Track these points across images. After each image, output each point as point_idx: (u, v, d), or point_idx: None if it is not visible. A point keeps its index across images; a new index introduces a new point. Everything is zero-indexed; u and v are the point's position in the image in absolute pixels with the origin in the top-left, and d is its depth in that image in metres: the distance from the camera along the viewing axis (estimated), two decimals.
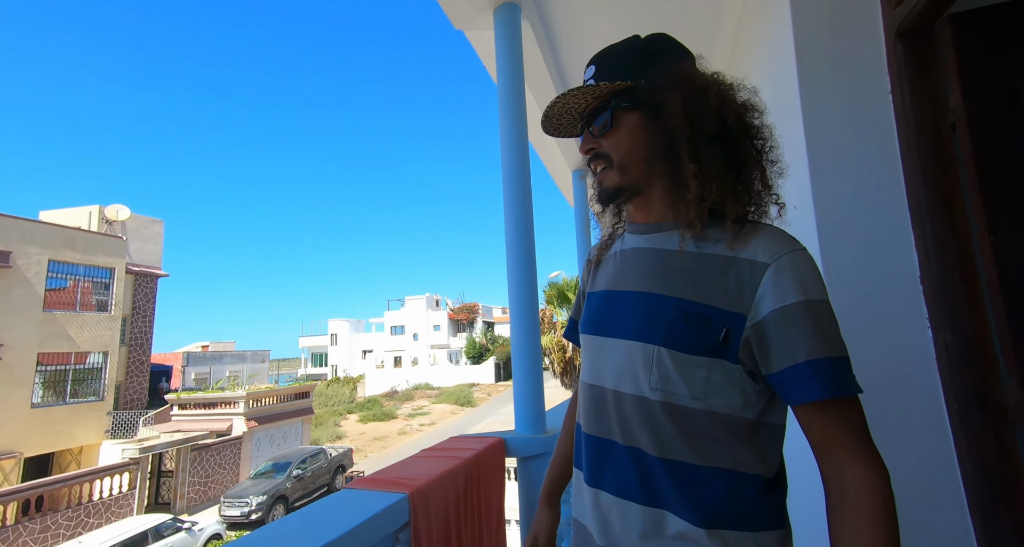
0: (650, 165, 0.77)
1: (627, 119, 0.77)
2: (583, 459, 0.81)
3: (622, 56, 0.79)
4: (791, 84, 1.39)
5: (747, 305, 0.66)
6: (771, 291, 0.65)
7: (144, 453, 14.25)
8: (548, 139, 3.80)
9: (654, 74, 0.76)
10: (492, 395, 35.06)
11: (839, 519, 0.63)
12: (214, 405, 18.31)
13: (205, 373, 26.14)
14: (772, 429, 0.71)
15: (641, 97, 0.76)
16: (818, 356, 0.63)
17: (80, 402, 16.14)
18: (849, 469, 0.63)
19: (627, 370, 0.73)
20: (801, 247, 0.69)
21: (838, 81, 1.34)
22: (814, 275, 0.66)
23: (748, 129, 0.75)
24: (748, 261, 0.67)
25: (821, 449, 0.66)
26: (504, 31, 1.98)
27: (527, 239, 1.88)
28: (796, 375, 0.63)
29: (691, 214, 0.71)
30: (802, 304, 0.64)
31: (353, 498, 1.08)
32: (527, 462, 1.74)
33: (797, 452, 0.85)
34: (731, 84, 0.76)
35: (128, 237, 18.84)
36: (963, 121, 1.12)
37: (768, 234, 0.70)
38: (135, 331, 19.35)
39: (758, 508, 0.68)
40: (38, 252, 15.22)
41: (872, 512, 0.60)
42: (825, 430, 0.65)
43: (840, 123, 1.32)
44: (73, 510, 12.52)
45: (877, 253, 1.25)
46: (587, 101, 0.80)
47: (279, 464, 15.61)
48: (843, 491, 0.63)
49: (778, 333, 0.64)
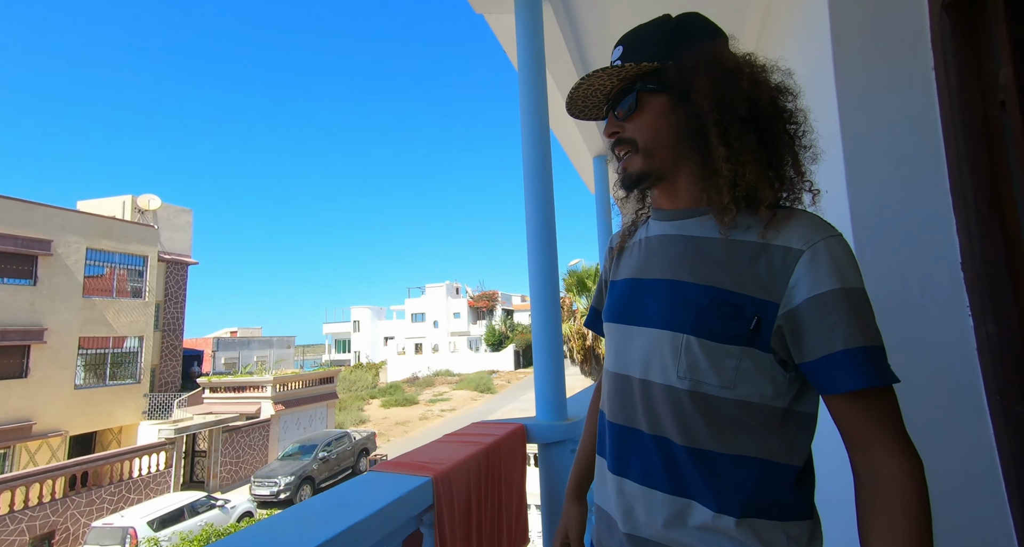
0: (676, 150, 0.74)
1: (653, 102, 0.74)
2: (607, 447, 0.81)
3: (650, 36, 0.76)
4: (825, 61, 1.33)
5: (780, 293, 0.64)
6: (806, 278, 0.63)
7: (179, 434, 14.90)
8: (569, 125, 3.75)
9: (683, 55, 0.73)
10: (511, 382, 35.37)
11: (869, 511, 0.61)
12: (243, 389, 18.98)
13: (234, 358, 27.06)
14: (803, 419, 0.69)
15: (668, 79, 0.73)
16: (856, 345, 0.61)
17: (119, 384, 16.92)
18: (881, 460, 0.61)
19: (655, 359, 0.72)
20: (837, 233, 0.66)
21: (876, 57, 1.27)
22: (850, 262, 0.64)
23: (781, 113, 0.72)
24: (781, 248, 0.66)
25: (853, 439, 0.64)
26: (525, 14, 1.94)
27: (548, 226, 1.86)
28: (833, 364, 0.61)
29: (724, 199, 0.69)
30: (839, 292, 0.62)
31: (378, 481, 1.11)
32: (548, 448, 1.75)
33: (828, 443, 0.83)
34: (764, 66, 0.73)
35: (159, 226, 19.47)
36: (1014, 98, 1.06)
37: (803, 220, 0.67)
38: (168, 317, 20.10)
39: (787, 498, 0.67)
40: (77, 241, 15.87)
41: (905, 504, 0.58)
42: (858, 420, 0.63)
43: (878, 102, 1.26)
44: (115, 486, 13.23)
45: (916, 239, 1.20)
46: (612, 83, 0.77)
47: (305, 446, 16.13)
48: (874, 483, 0.61)
49: (814, 321, 0.62)
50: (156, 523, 11.06)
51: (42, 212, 15.10)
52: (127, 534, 10.57)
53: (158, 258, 18.83)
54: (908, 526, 0.58)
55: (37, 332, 14.64)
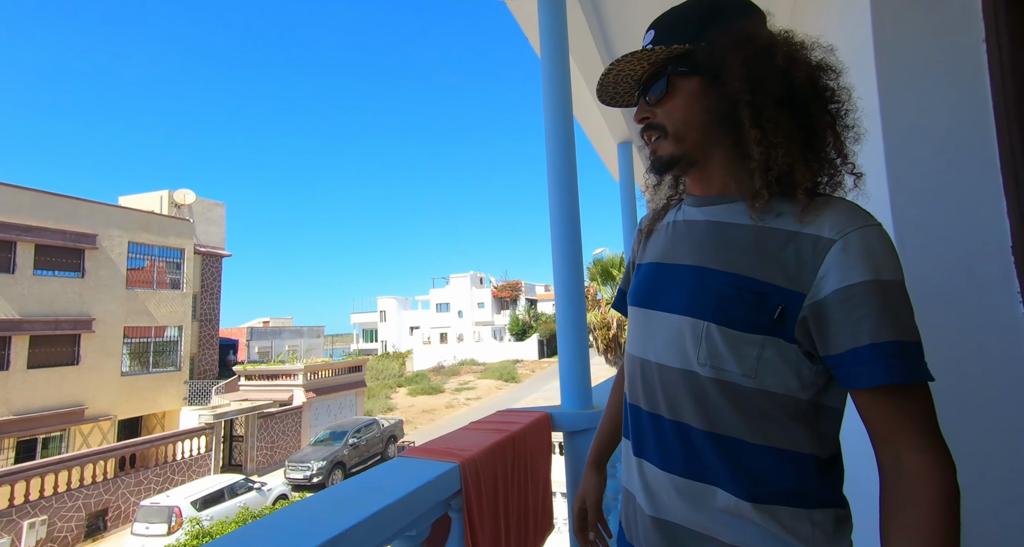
0: (708, 134, 0.72)
1: (684, 85, 0.72)
2: (630, 429, 0.81)
3: (682, 18, 0.74)
4: (864, 34, 1.26)
5: (806, 283, 0.62)
6: (836, 269, 0.60)
7: (217, 419, 15.58)
8: (593, 112, 3.68)
9: (715, 35, 0.70)
10: (535, 371, 35.52)
11: (892, 510, 0.59)
12: (276, 376, 19.65)
13: (267, 347, 28.02)
14: (829, 412, 0.67)
15: (700, 61, 0.71)
16: (886, 339, 0.58)
17: (161, 372, 17.78)
18: (908, 458, 0.59)
19: (675, 344, 0.71)
20: (875, 223, 0.63)
21: (920, 29, 1.20)
22: (887, 253, 0.61)
23: (821, 91, 0.68)
24: (812, 236, 0.63)
25: (880, 436, 0.62)
26: (547, 1, 1.91)
27: (572, 215, 1.85)
28: (859, 358, 0.59)
29: (756, 184, 0.67)
30: (871, 284, 0.59)
31: (408, 466, 1.14)
32: (573, 437, 1.75)
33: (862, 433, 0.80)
34: (802, 42, 0.70)
35: (194, 219, 20.19)
36: None
37: (838, 208, 0.64)
38: (204, 307, 20.92)
39: (812, 487, 0.66)
40: (119, 234, 16.63)
41: (931, 507, 0.56)
42: (886, 417, 0.60)
43: (921, 77, 1.19)
44: (160, 467, 13.98)
45: (960, 222, 1.14)
46: (643, 67, 0.75)
47: (336, 433, 16.64)
48: (899, 482, 0.59)
49: (841, 313, 0.60)
50: (199, 503, 11.66)
51: (87, 208, 15.85)
52: (172, 512, 11.18)
53: (194, 251, 19.55)
54: (932, 528, 0.55)
55: (86, 322, 15.48)
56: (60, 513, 11.70)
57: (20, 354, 14.04)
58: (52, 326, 14.61)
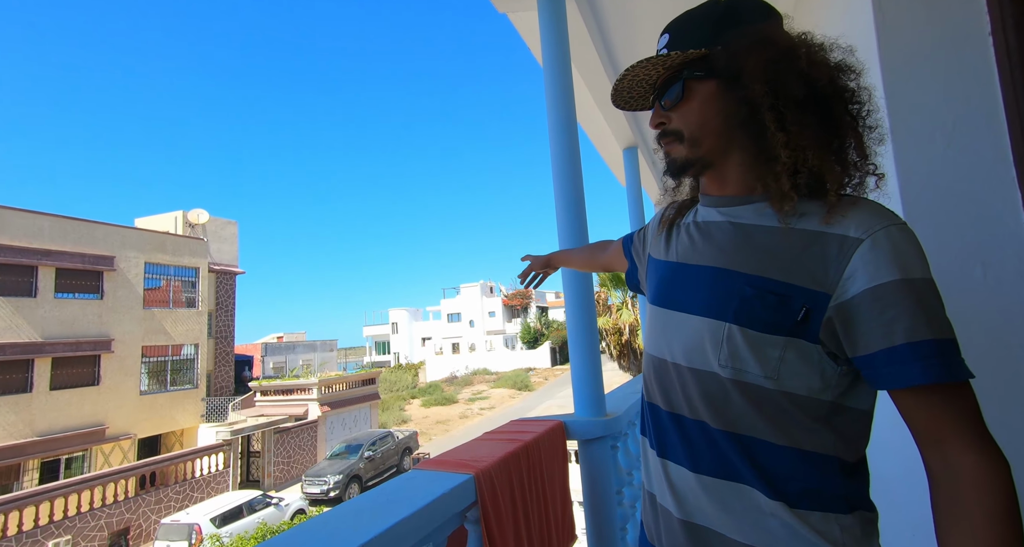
0: (725, 137, 0.72)
1: (700, 89, 0.72)
2: (650, 430, 0.80)
3: (697, 22, 0.73)
4: (867, 28, 1.26)
5: (832, 284, 0.62)
6: (864, 269, 0.60)
7: (235, 435, 15.71)
8: (597, 118, 3.70)
9: (732, 38, 0.70)
10: (548, 379, 35.31)
11: (951, 517, 0.56)
12: (291, 391, 19.79)
13: (281, 362, 28.23)
14: (855, 414, 0.66)
15: (716, 64, 0.70)
16: (922, 338, 0.57)
17: (179, 390, 18.01)
18: (960, 459, 0.57)
19: (696, 346, 0.71)
20: (901, 221, 0.62)
21: (925, 22, 1.19)
22: (916, 252, 0.60)
23: (842, 93, 0.68)
24: (837, 236, 0.62)
25: (926, 438, 0.60)
26: (548, 10, 1.93)
27: (579, 222, 1.85)
28: (893, 358, 0.58)
29: (784, 186, 0.66)
30: (901, 283, 0.58)
31: (422, 478, 1.14)
32: (588, 445, 1.74)
33: (886, 439, 0.79)
34: (821, 44, 0.69)
35: (208, 238, 20.55)
36: None
37: (863, 208, 0.64)
38: (219, 325, 21.19)
39: (839, 490, 0.65)
40: (136, 256, 16.98)
41: (991, 509, 0.54)
42: (932, 417, 0.59)
43: (927, 70, 1.18)
44: (180, 485, 14.10)
45: (974, 216, 1.12)
46: (658, 72, 0.75)
47: (352, 446, 16.67)
48: (953, 484, 0.57)
49: (871, 314, 0.59)
50: (218, 520, 11.72)
51: (104, 230, 16.23)
52: (192, 530, 11.26)
53: (208, 269, 19.88)
54: (995, 531, 0.53)
55: (106, 342, 15.77)
56: (83, 532, 11.83)
57: (43, 376, 14.32)
58: (73, 348, 14.90)
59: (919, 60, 1.20)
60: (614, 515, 1.75)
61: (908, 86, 1.20)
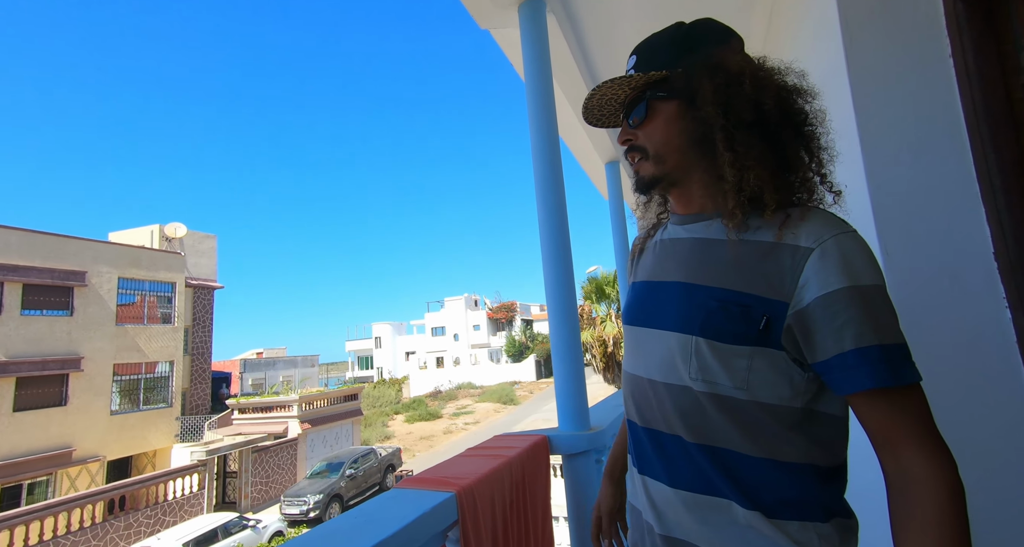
0: (687, 155, 0.75)
1: (663, 109, 0.76)
2: (631, 446, 0.82)
3: (661, 45, 0.78)
4: (836, 53, 1.31)
5: (789, 293, 0.64)
6: (815, 277, 0.62)
7: (210, 455, 15.16)
8: (579, 132, 3.76)
9: (690, 61, 0.74)
10: (534, 392, 35.09)
11: (901, 516, 0.59)
12: (270, 409, 19.24)
13: (261, 378, 27.52)
14: (828, 419, 0.67)
15: (676, 86, 0.74)
16: (868, 343, 0.59)
17: (152, 409, 17.37)
18: (910, 462, 0.59)
19: (667, 361, 0.72)
20: (850, 229, 0.65)
21: (890, 46, 1.25)
22: (864, 258, 0.63)
23: (794, 115, 0.71)
24: (790, 247, 0.65)
25: (879, 441, 0.62)
26: (529, 27, 1.97)
27: (562, 235, 1.86)
28: (844, 364, 0.60)
29: (730, 204, 0.69)
30: (849, 290, 0.60)
31: (402, 497, 1.11)
32: (572, 459, 1.72)
33: (864, 444, 0.80)
34: (773, 68, 0.73)
35: (185, 253, 20.09)
36: None
37: (814, 218, 0.66)
38: (196, 341, 20.61)
39: (817, 498, 0.66)
40: (109, 271, 16.48)
41: (938, 508, 0.56)
42: (883, 421, 0.61)
43: (894, 92, 1.23)
44: (151, 509, 13.49)
45: (943, 229, 1.16)
46: (625, 91, 0.79)
47: (333, 464, 16.22)
48: (904, 485, 0.59)
49: (824, 320, 0.61)
50: (191, 544, 11.22)
51: (76, 245, 15.74)
52: None
53: (185, 284, 19.39)
54: (943, 531, 0.56)
55: (75, 361, 15.16)
56: None
57: (5, 397, 13.68)
58: (39, 367, 14.29)
59: (886, 80, 1.25)
60: None
61: (877, 105, 1.25)
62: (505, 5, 2.04)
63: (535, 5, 1.97)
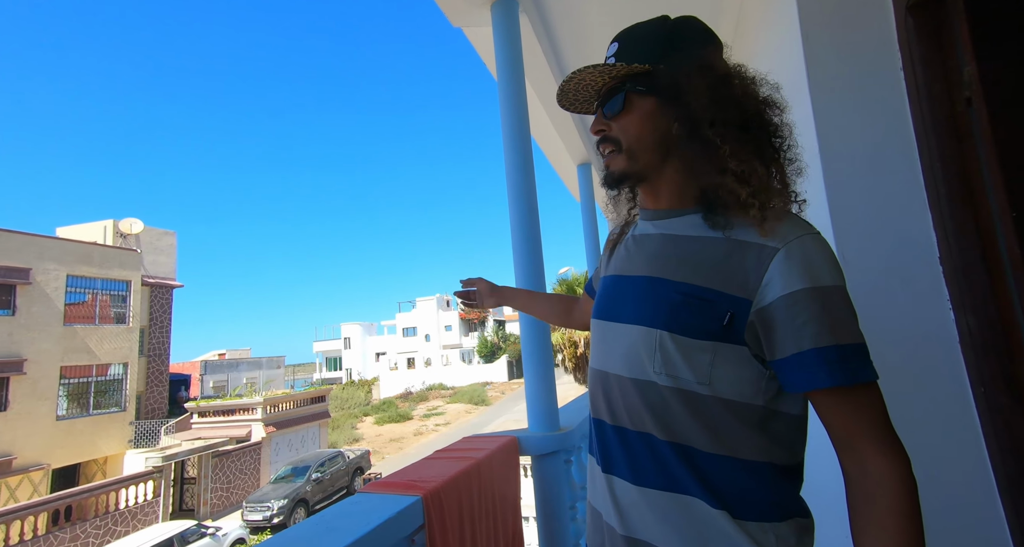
0: (659, 152, 0.75)
1: (641, 103, 0.74)
2: (596, 445, 0.80)
3: (646, 37, 0.76)
4: (798, 65, 1.35)
5: (753, 290, 0.65)
6: (779, 277, 0.63)
7: (167, 461, 14.49)
8: (552, 134, 3.77)
9: (676, 60, 0.72)
10: (506, 393, 35.11)
11: (859, 511, 0.61)
12: (232, 412, 18.57)
13: (223, 381, 26.50)
14: (787, 418, 0.69)
15: (658, 82, 0.72)
16: (827, 343, 0.61)
17: (103, 413, 16.46)
18: (869, 459, 0.61)
19: (632, 355, 0.72)
20: (815, 231, 0.66)
21: (847, 60, 1.30)
22: (826, 260, 0.64)
23: (767, 125, 0.72)
24: (757, 246, 0.66)
25: (839, 439, 0.64)
26: (502, 26, 1.96)
27: (533, 235, 1.86)
28: (802, 362, 0.61)
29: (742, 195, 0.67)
30: (811, 290, 0.62)
31: (367, 502, 1.08)
32: (541, 460, 1.72)
33: (820, 443, 0.82)
34: (753, 78, 0.74)
35: (142, 250, 19.14)
36: (979, 95, 1.08)
37: (781, 219, 0.67)
38: (153, 342, 19.67)
39: (775, 497, 0.67)
40: (56, 268, 15.52)
41: (894, 502, 0.59)
42: (841, 419, 0.63)
43: (851, 103, 1.28)
44: (101, 519, 12.78)
45: (894, 235, 1.21)
46: (604, 80, 0.77)
47: (298, 468, 15.78)
48: (862, 482, 0.61)
49: (785, 320, 0.62)
50: None
51: (19, 240, 14.77)
52: None
53: (142, 282, 18.47)
54: (898, 525, 0.58)
55: (16, 363, 14.22)
56: None
57: None
58: None
59: (843, 90, 1.30)
60: (567, 531, 1.73)
61: (834, 114, 1.30)
62: (478, 3, 2.02)
63: (508, 4, 1.97)
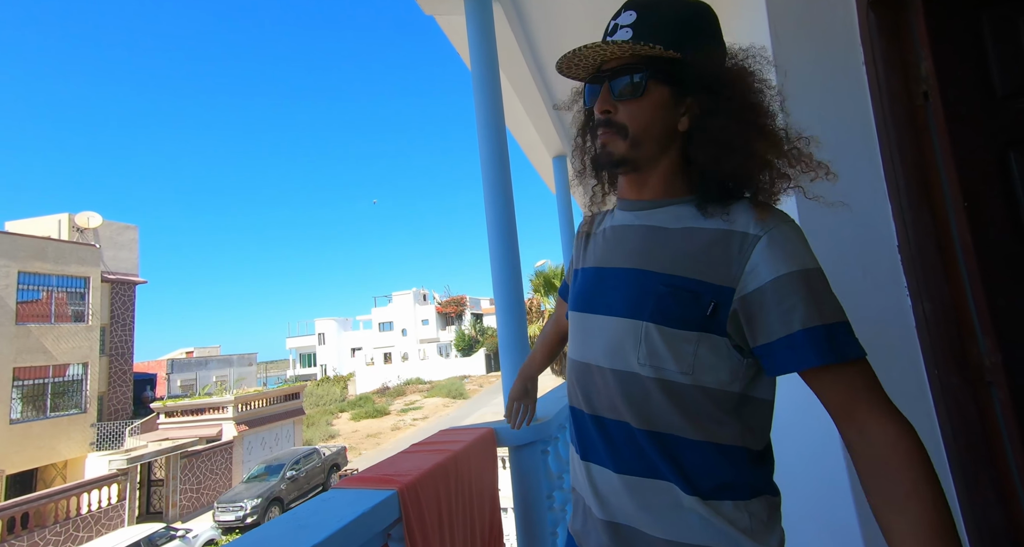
0: (660, 144, 0.74)
1: (657, 91, 0.71)
2: (574, 435, 0.81)
3: (667, 20, 0.71)
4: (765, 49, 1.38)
5: (735, 278, 0.66)
6: (764, 263, 0.65)
7: (132, 463, 13.99)
8: (527, 126, 3.76)
9: (704, 51, 0.71)
10: (484, 386, 35.19)
11: (877, 482, 0.60)
12: (202, 411, 18.03)
13: (191, 379, 25.67)
14: (759, 404, 0.71)
15: (686, 73, 0.70)
16: (815, 323, 0.62)
17: (62, 415, 15.73)
18: (876, 430, 0.61)
19: (616, 347, 0.72)
20: (791, 220, 0.70)
21: (812, 53, 1.33)
22: (805, 245, 0.67)
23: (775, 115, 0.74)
24: (739, 234, 0.67)
25: (840, 415, 0.64)
26: (475, 15, 1.93)
27: (509, 228, 1.85)
28: (792, 344, 0.63)
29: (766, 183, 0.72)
30: (796, 274, 0.64)
31: (341, 497, 1.06)
32: (519, 451, 1.73)
33: (785, 424, 0.85)
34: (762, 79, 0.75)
35: (101, 245, 18.27)
36: (935, 89, 1.13)
37: (758, 208, 0.70)
38: (115, 340, 18.87)
39: (749, 479, 0.69)
40: (6, 264, 14.68)
41: (914, 472, 0.57)
42: (839, 394, 0.64)
43: (817, 96, 1.32)
44: (61, 525, 12.26)
45: (856, 224, 1.26)
46: (618, 56, 0.72)
47: (272, 467, 15.48)
48: (873, 452, 0.60)
49: (772, 304, 0.64)
50: None
51: None
52: None
53: (101, 279, 17.65)
54: (924, 493, 0.57)
55: None
56: None
57: None
58: None
59: (808, 83, 1.33)
60: (545, 520, 1.75)
61: (801, 107, 1.32)
62: None
63: None
